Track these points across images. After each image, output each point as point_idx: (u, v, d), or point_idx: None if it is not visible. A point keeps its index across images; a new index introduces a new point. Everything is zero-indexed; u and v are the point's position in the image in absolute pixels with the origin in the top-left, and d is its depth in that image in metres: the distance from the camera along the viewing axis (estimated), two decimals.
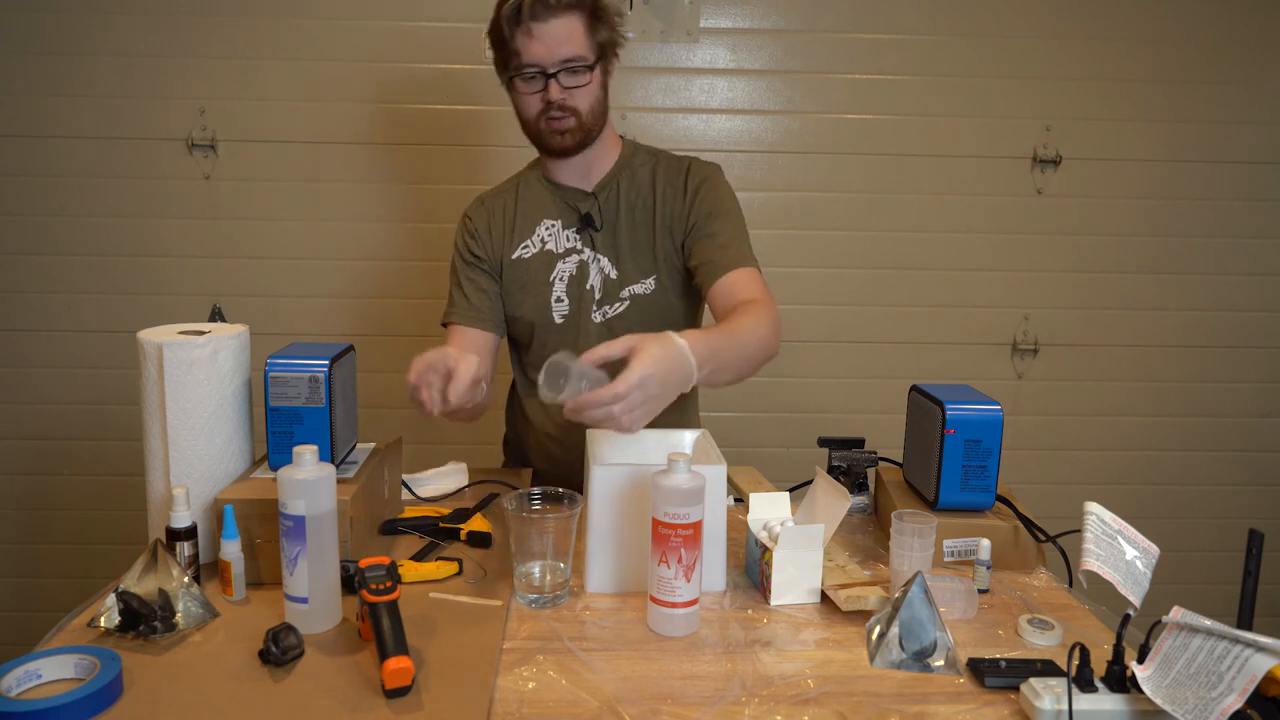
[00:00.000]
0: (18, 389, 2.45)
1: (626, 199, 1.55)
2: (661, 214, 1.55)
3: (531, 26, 1.40)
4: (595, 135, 1.51)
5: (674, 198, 1.55)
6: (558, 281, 1.55)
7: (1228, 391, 2.62)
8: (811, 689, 0.97)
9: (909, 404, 1.41)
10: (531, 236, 1.56)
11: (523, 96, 1.47)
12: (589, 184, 1.56)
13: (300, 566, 1.04)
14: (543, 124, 1.47)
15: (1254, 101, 2.49)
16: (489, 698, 0.93)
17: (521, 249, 1.56)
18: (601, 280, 1.55)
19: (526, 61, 1.42)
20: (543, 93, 1.44)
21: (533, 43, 1.41)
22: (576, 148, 1.50)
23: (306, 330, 2.43)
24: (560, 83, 1.43)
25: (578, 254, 1.55)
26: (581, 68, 1.43)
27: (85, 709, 0.88)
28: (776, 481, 1.50)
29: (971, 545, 1.26)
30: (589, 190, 1.56)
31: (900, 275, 2.53)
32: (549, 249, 1.55)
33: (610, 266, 1.55)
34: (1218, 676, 0.83)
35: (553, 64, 1.42)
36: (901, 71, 2.44)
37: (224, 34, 2.33)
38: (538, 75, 1.43)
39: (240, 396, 1.25)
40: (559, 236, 1.56)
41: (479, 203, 1.62)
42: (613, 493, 1.17)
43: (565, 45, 1.41)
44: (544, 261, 1.55)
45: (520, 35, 1.41)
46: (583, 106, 1.46)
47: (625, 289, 1.55)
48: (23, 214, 2.38)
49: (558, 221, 1.56)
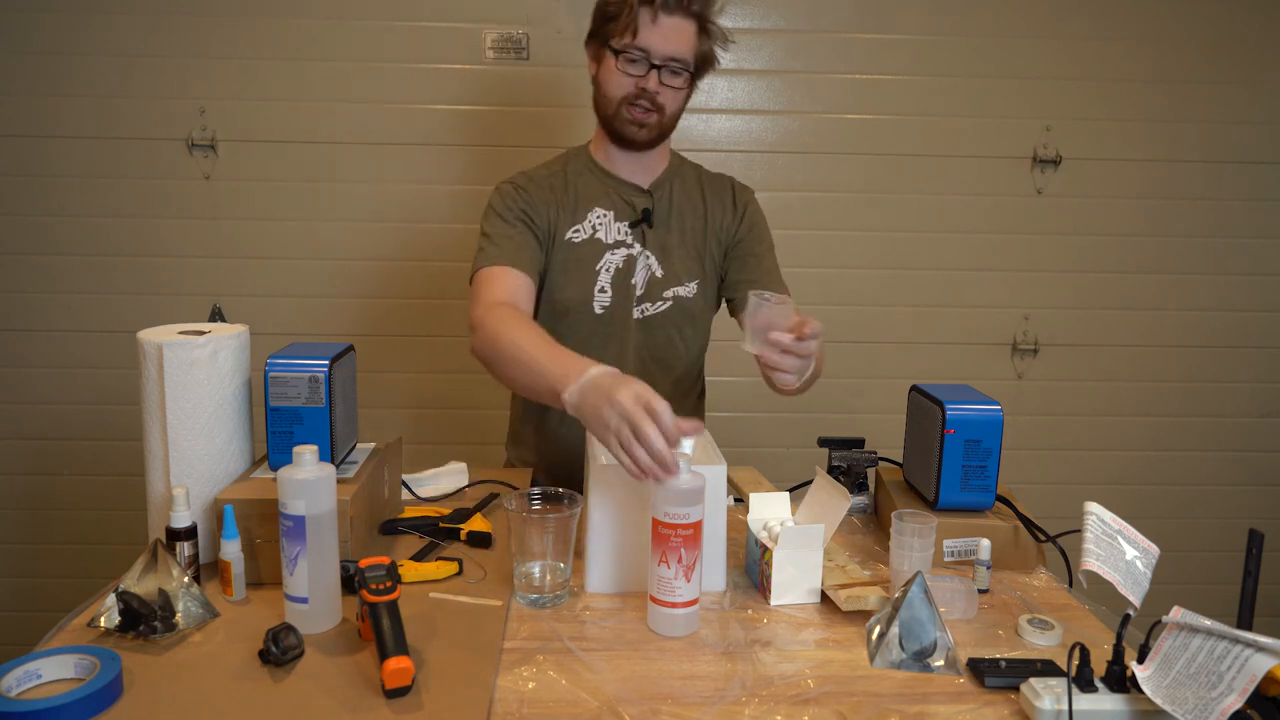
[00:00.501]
0: (18, 389, 2.45)
1: (677, 203, 1.58)
2: (711, 223, 1.59)
3: (660, 14, 1.42)
4: (665, 138, 1.55)
5: (723, 211, 1.61)
6: (603, 272, 1.54)
7: (1228, 391, 2.62)
8: (811, 689, 0.97)
9: (909, 404, 1.41)
10: (583, 222, 1.55)
11: (616, 74, 1.47)
12: (644, 181, 1.58)
13: (300, 566, 1.04)
14: (625, 109, 1.48)
15: (1254, 101, 2.49)
16: (489, 698, 0.93)
17: (573, 232, 1.54)
18: (646, 278, 1.55)
19: (639, 44, 1.43)
20: (641, 79, 1.45)
21: (654, 30, 1.43)
22: (647, 144, 1.52)
23: (306, 330, 2.43)
24: (660, 77, 1.45)
25: (626, 248, 1.55)
26: (683, 71, 1.47)
27: (85, 709, 0.88)
28: (776, 481, 1.50)
29: (971, 545, 1.26)
30: (644, 187, 1.57)
31: (900, 275, 2.53)
32: (598, 238, 1.54)
33: (657, 265, 1.56)
34: (1218, 676, 0.83)
35: (661, 56, 1.44)
36: (901, 71, 2.44)
37: (224, 34, 2.33)
38: (642, 60, 1.44)
39: (240, 396, 1.25)
40: (609, 227, 1.55)
41: (526, 177, 1.57)
42: (613, 493, 1.17)
43: (679, 44, 1.44)
44: (592, 249, 1.54)
45: (645, 16, 1.42)
46: (669, 107, 1.49)
47: (669, 289, 1.57)
48: (23, 214, 2.38)
49: (610, 212, 1.55)
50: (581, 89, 2.38)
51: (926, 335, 2.56)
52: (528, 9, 2.36)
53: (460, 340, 2.50)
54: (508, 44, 2.37)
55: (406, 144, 2.40)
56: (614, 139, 1.53)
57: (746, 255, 1.60)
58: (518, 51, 2.37)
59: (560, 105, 2.39)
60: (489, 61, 2.38)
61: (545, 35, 2.36)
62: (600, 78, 1.51)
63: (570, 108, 2.38)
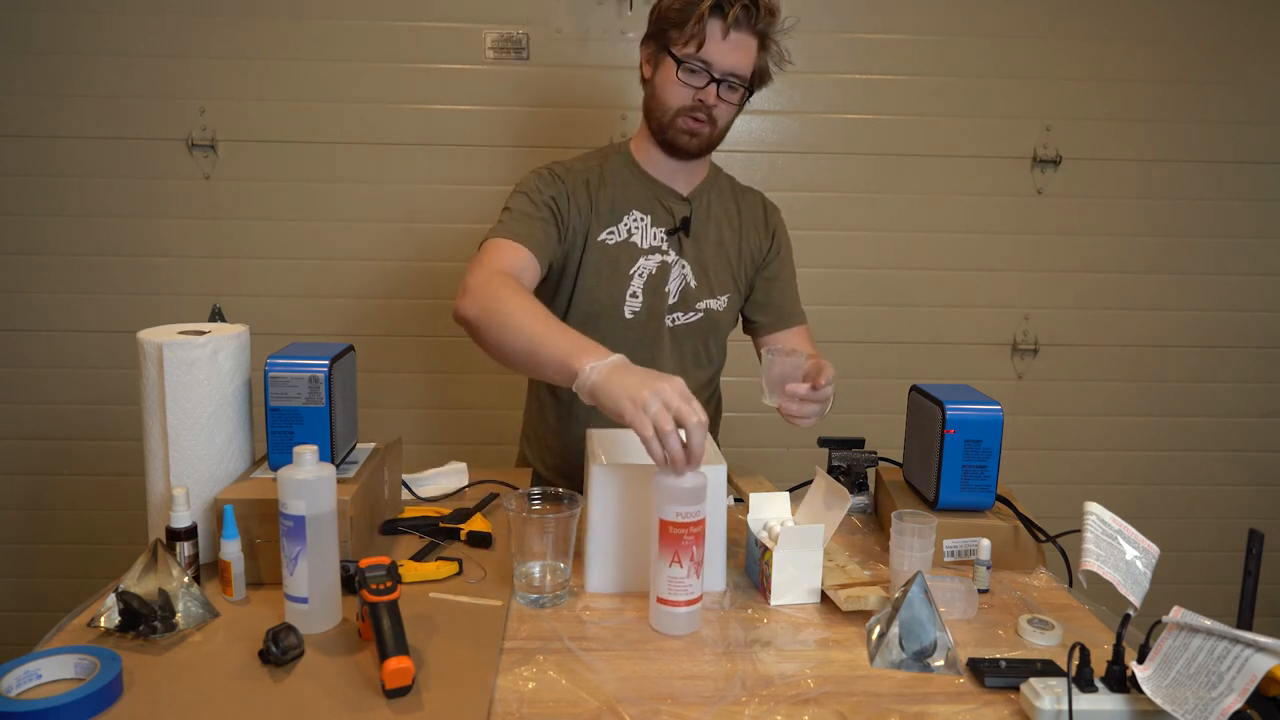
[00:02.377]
0: (18, 389, 2.45)
1: (715, 215, 1.58)
2: (746, 241, 1.60)
3: (730, 30, 1.41)
4: (713, 149, 1.54)
5: (755, 228, 1.62)
6: (636, 277, 1.53)
7: (1228, 391, 2.62)
8: (811, 689, 0.97)
9: (909, 404, 1.41)
10: (618, 224, 1.52)
11: (676, 83, 1.45)
12: (683, 189, 1.57)
13: (300, 566, 1.04)
14: (680, 119, 1.46)
15: (1254, 102, 2.49)
16: (489, 698, 0.93)
17: (607, 234, 1.52)
18: (680, 286, 1.55)
19: (704, 56, 1.42)
20: (700, 91, 1.44)
21: (721, 44, 1.42)
22: (696, 154, 1.52)
23: (306, 330, 2.43)
24: (719, 91, 1.44)
25: (661, 254, 1.53)
26: (740, 86, 1.46)
27: (85, 709, 0.88)
28: (776, 481, 1.50)
29: (971, 545, 1.26)
30: (683, 195, 1.56)
31: (900, 275, 2.53)
32: (633, 241, 1.53)
33: (691, 275, 1.55)
34: (1218, 676, 0.83)
35: (721, 70, 1.43)
36: (901, 71, 2.44)
37: (224, 34, 2.33)
38: (702, 72, 1.43)
39: (240, 396, 1.25)
40: (645, 232, 1.53)
41: (565, 168, 1.53)
42: (613, 493, 1.17)
43: (741, 59, 1.44)
44: (626, 253, 1.52)
45: (714, 29, 1.41)
46: (721, 121, 1.49)
47: (702, 301, 1.56)
48: (23, 214, 2.38)
49: (647, 216, 1.54)
50: (581, 89, 2.38)
51: (926, 335, 2.56)
52: (528, 9, 2.36)
53: (461, 340, 2.48)
54: (508, 44, 2.37)
55: (407, 144, 2.40)
56: (664, 146, 1.52)
57: (773, 279, 1.63)
58: (518, 51, 2.37)
59: (560, 105, 2.38)
60: (489, 61, 2.38)
61: (545, 35, 2.36)
62: (657, 83, 1.49)
63: (570, 108, 2.38)
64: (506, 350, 1.25)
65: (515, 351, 1.23)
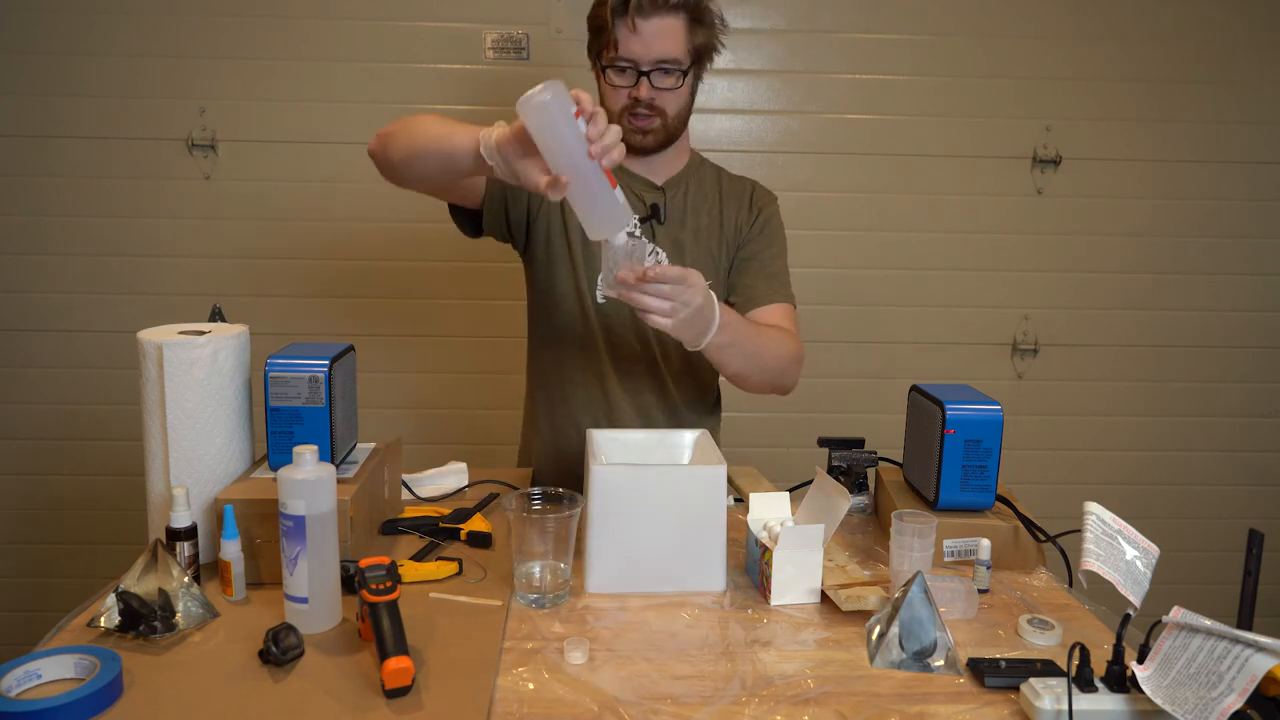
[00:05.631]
0: (18, 389, 2.45)
1: (693, 202, 1.56)
2: (725, 225, 1.57)
3: (635, 21, 1.39)
4: (676, 138, 1.52)
5: (738, 212, 1.58)
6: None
7: (1228, 391, 2.62)
8: (811, 689, 0.97)
9: (909, 404, 1.41)
10: None
11: (611, 89, 1.45)
12: (659, 178, 1.56)
13: (300, 566, 1.04)
14: (626, 120, 1.46)
15: (1254, 101, 2.49)
16: (489, 698, 0.93)
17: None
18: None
19: (622, 56, 1.41)
20: (632, 89, 1.43)
21: (633, 38, 1.40)
22: (656, 148, 1.50)
23: (306, 330, 2.43)
24: (652, 82, 1.43)
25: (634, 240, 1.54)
26: (675, 70, 1.43)
27: (85, 709, 0.88)
28: (776, 481, 1.50)
29: (971, 545, 1.26)
30: (657, 184, 1.56)
31: (900, 275, 2.53)
32: None
33: (667, 261, 1.53)
34: (1218, 676, 0.83)
35: (648, 62, 1.41)
36: (901, 71, 2.44)
37: (224, 34, 2.33)
38: (630, 70, 1.42)
39: (240, 396, 1.25)
40: None
41: None
42: (613, 493, 1.17)
43: (664, 45, 1.41)
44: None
45: (622, 27, 1.40)
46: (670, 109, 1.47)
47: None
48: (23, 214, 2.38)
49: None
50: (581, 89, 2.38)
51: (926, 335, 2.56)
52: (528, 9, 2.36)
53: (461, 340, 2.51)
54: (508, 44, 2.37)
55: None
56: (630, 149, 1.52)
57: (749, 259, 1.57)
58: (518, 51, 2.37)
59: None
60: (489, 61, 2.38)
61: (545, 35, 2.36)
62: (602, 93, 1.50)
63: None
64: (415, 152, 1.28)
65: (423, 149, 1.26)
